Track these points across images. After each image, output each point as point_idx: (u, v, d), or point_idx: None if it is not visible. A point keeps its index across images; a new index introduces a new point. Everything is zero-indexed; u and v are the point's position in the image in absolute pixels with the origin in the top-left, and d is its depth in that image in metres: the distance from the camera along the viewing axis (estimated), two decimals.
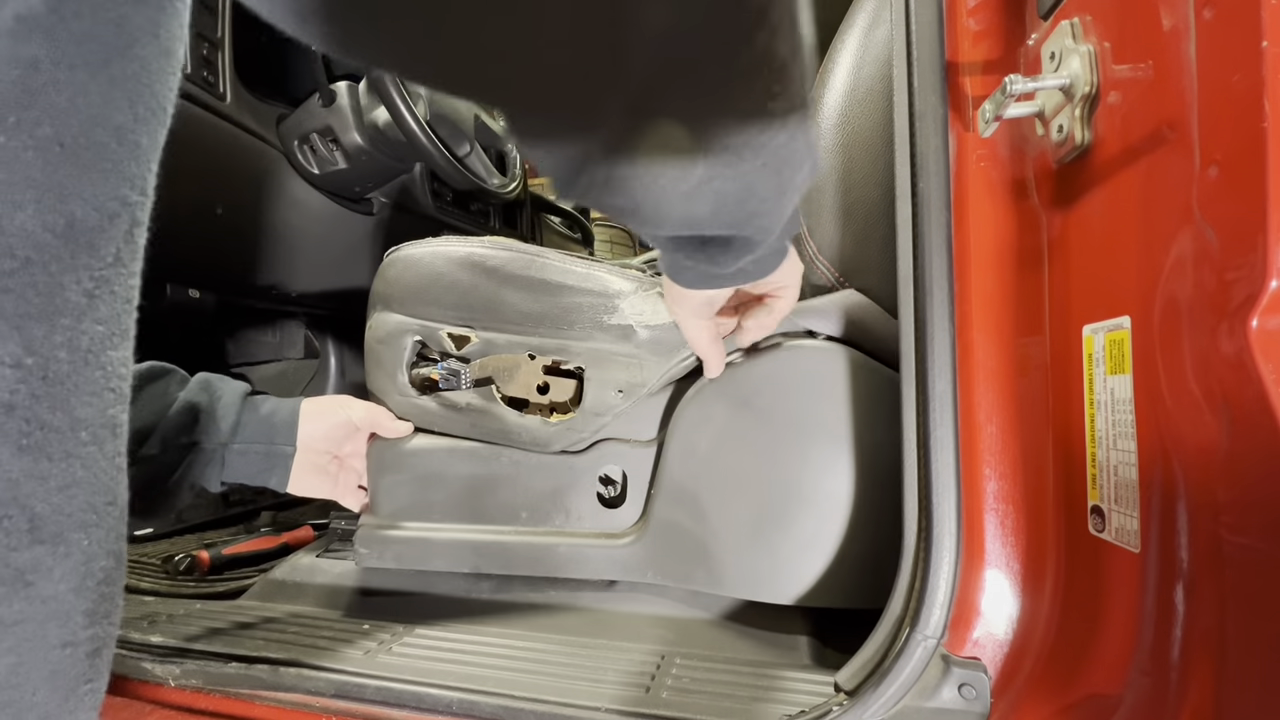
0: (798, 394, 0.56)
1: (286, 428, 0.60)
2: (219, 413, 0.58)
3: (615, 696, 0.50)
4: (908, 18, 0.48)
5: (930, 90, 0.46)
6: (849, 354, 0.55)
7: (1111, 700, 0.38)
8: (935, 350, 0.46)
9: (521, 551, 0.63)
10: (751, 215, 0.30)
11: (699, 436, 0.58)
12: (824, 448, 0.56)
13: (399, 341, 0.64)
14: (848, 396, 0.55)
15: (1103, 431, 0.39)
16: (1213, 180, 0.30)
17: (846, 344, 0.57)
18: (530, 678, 0.53)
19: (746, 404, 0.57)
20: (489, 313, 0.62)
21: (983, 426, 0.45)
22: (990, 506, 0.45)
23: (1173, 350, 0.33)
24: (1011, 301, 0.45)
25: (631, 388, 0.60)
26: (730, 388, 0.58)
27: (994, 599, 0.45)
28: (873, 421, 0.55)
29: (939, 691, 0.44)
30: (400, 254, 0.66)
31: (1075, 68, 0.39)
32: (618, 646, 0.60)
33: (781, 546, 0.57)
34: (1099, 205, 0.39)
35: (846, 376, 0.55)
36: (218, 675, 0.56)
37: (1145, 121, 0.35)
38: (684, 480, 0.59)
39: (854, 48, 0.59)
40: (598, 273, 0.61)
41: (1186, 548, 0.33)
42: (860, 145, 0.57)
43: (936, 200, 0.46)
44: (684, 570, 0.60)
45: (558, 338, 0.61)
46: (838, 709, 0.46)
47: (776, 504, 0.57)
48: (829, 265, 0.60)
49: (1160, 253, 0.34)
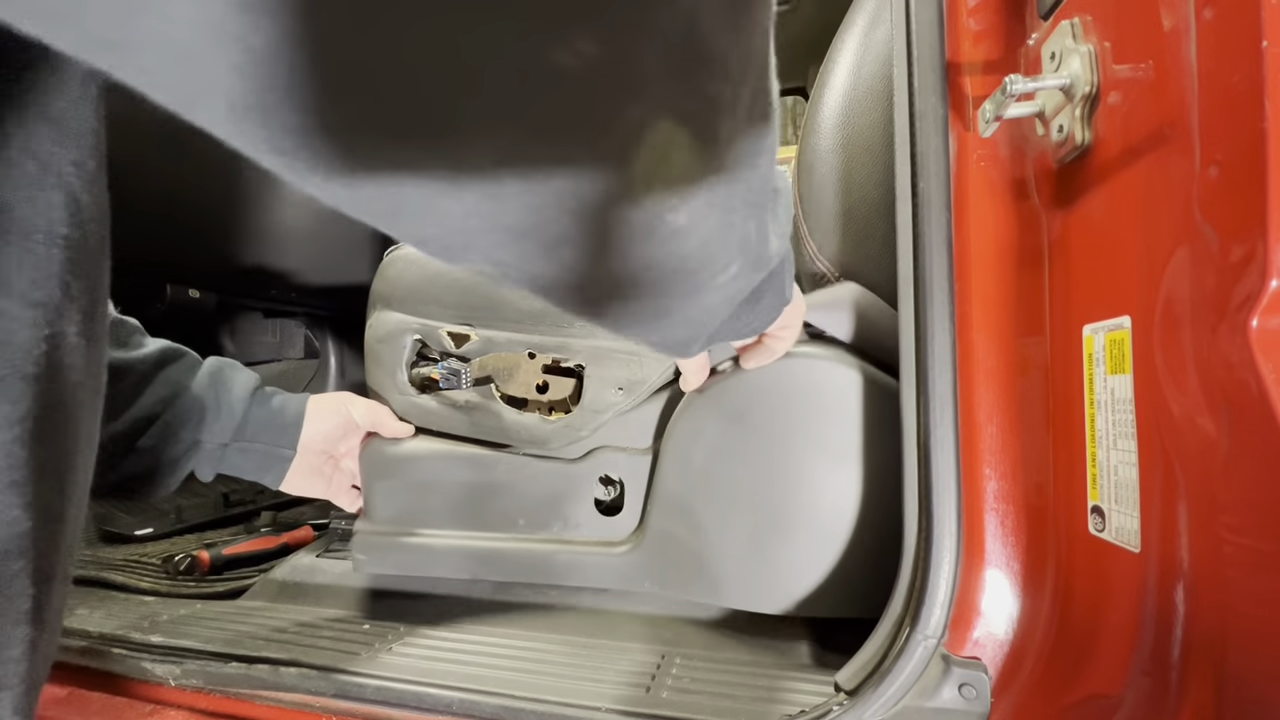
0: (791, 406, 0.55)
1: (291, 429, 0.60)
2: (225, 410, 0.56)
3: (615, 696, 0.50)
4: (908, 18, 0.48)
5: (930, 90, 0.46)
6: (843, 365, 0.55)
7: (1111, 700, 0.38)
8: (935, 350, 0.46)
9: (519, 559, 0.63)
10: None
11: (693, 449, 0.58)
12: (819, 459, 0.55)
13: (399, 340, 0.64)
14: (842, 408, 0.54)
15: (1103, 431, 0.39)
16: (1213, 180, 0.30)
17: (847, 341, 0.57)
18: (530, 678, 0.53)
19: (740, 417, 0.56)
20: (489, 311, 0.62)
21: (983, 426, 0.45)
22: (990, 506, 0.45)
23: (1173, 350, 0.33)
24: (1012, 301, 0.45)
25: (632, 385, 0.60)
26: (723, 400, 0.57)
27: (994, 599, 0.45)
28: (869, 432, 0.54)
29: (939, 691, 0.44)
30: (400, 253, 0.66)
31: (1075, 68, 0.39)
32: (618, 646, 0.60)
33: (778, 558, 0.56)
34: (1099, 205, 0.39)
35: (841, 388, 0.54)
36: (218, 675, 0.56)
37: (1145, 121, 0.35)
38: (679, 492, 0.59)
39: (854, 48, 0.59)
40: None
41: (1186, 548, 0.33)
42: (860, 145, 0.57)
43: (936, 200, 0.46)
44: (681, 580, 0.60)
45: (557, 335, 0.61)
46: (838, 709, 0.46)
47: (772, 516, 0.56)
48: (829, 264, 0.60)
49: (1160, 253, 0.34)
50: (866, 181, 0.57)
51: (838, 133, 0.59)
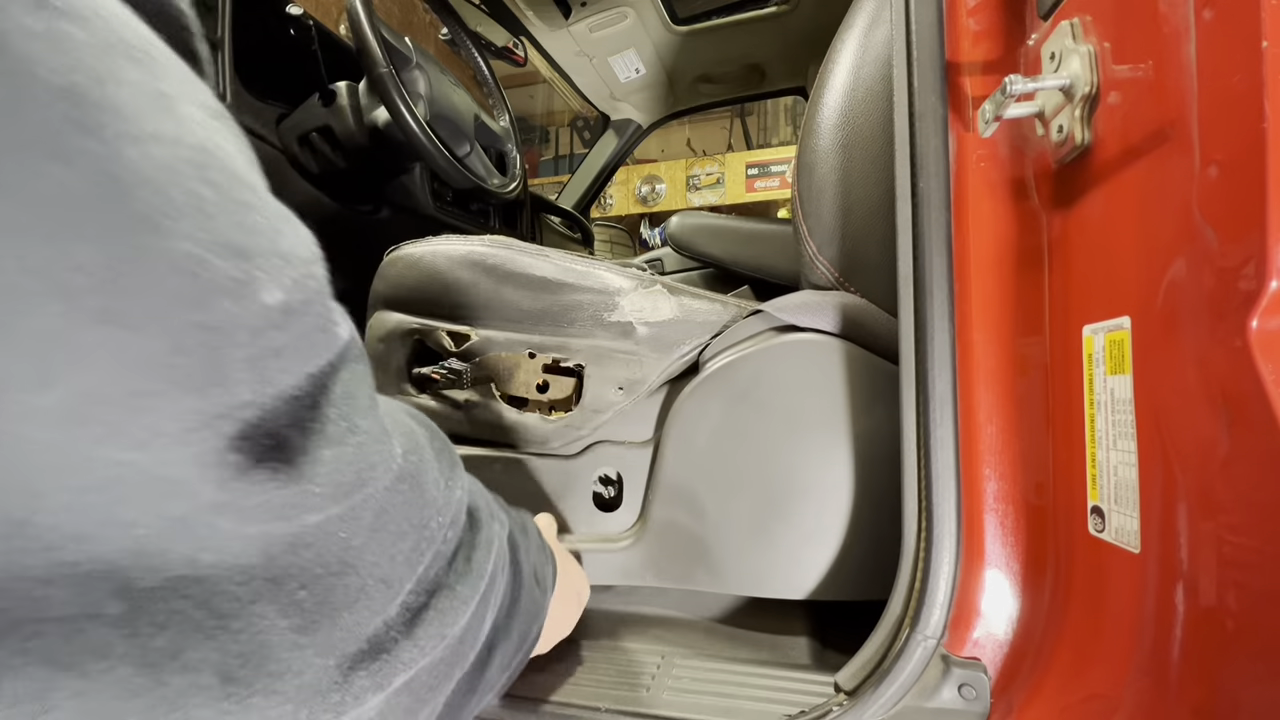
0: (795, 386, 0.56)
1: None
2: None
3: (615, 696, 0.50)
4: (908, 18, 0.48)
5: (930, 90, 0.46)
6: (845, 346, 0.56)
7: (1111, 700, 0.38)
8: (935, 350, 0.46)
9: None
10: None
11: (696, 432, 0.58)
12: (823, 439, 0.56)
13: (399, 340, 0.64)
14: (844, 387, 0.55)
15: (1103, 431, 0.39)
16: (1213, 180, 0.30)
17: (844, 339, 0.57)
18: (530, 677, 0.53)
19: (744, 397, 0.57)
20: (489, 311, 0.62)
21: (983, 426, 0.45)
22: (990, 506, 0.45)
23: (1173, 350, 0.33)
24: (1011, 301, 0.45)
25: (631, 384, 0.60)
26: (727, 382, 0.58)
27: (994, 599, 0.45)
28: (870, 411, 0.55)
29: (939, 691, 0.44)
30: (400, 253, 0.66)
31: (1075, 68, 0.39)
32: (617, 646, 0.60)
33: (783, 540, 0.57)
34: (1099, 205, 0.39)
35: (842, 367, 0.55)
36: None
37: (1145, 122, 0.35)
38: (682, 477, 0.59)
39: (854, 48, 0.59)
40: (597, 271, 0.61)
41: (1186, 548, 0.33)
42: (860, 145, 0.57)
43: (936, 200, 0.46)
44: (683, 571, 0.60)
45: (558, 335, 0.61)
46: (838, 709, 0.46)
47: (776, 497, 0.57)
48: (829, 265, 0.60)
49: (1160, 253, 0.34)
50: (866, 181, 0.57)
51: (837, 133, 0.59)
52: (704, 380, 0.58)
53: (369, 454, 0.21)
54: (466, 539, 0.29)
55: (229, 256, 0.16)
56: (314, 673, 0.20)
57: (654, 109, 1.93)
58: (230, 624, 0.18)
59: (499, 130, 1.18)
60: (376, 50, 0.88)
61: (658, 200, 4.07)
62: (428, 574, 0.25)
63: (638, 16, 1.56)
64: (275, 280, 0.17)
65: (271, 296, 0.17)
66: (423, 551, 0.25)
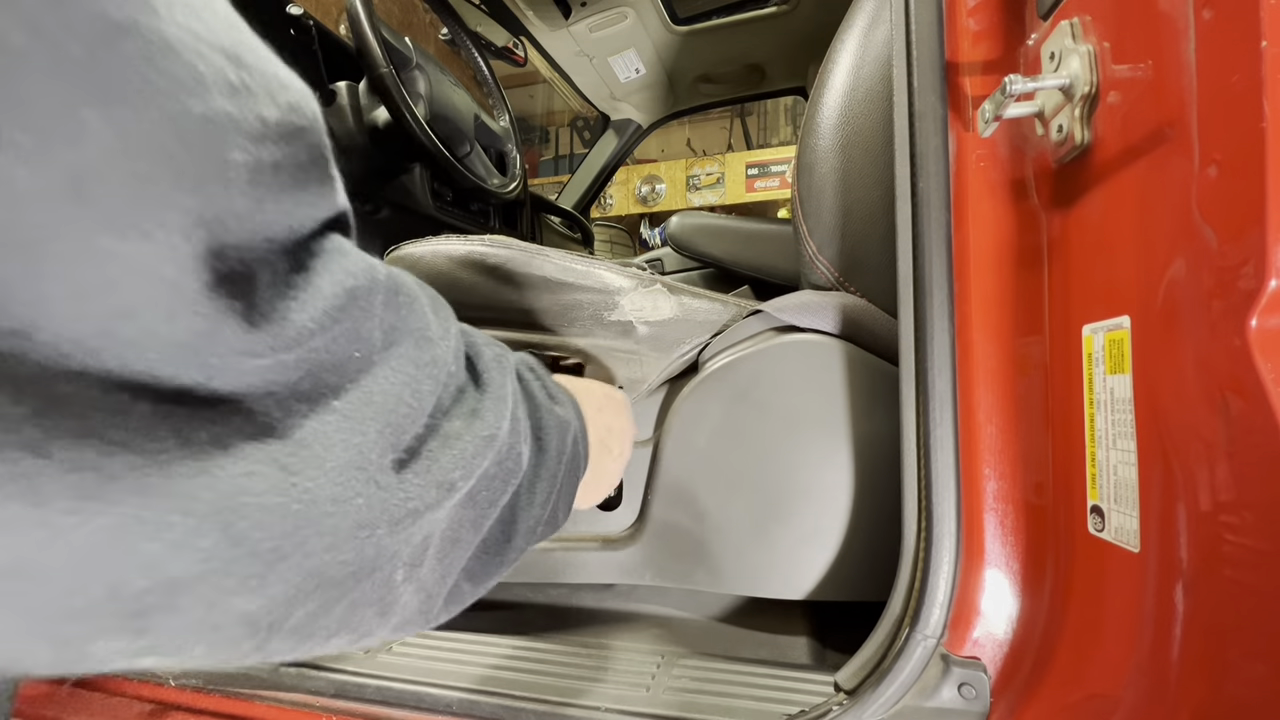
0: (794, 386, 0.56)
1: None
2: None
3: (615, 696, 0.50)
4: (908, 18, 0.48)
5: (930, 90, 0.46)
6: (844, 346, 0.56)
7: (1111, 700, 0.38)
8: (935, 350, 0.46)
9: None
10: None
11: (695, 431, 0.58)
12: (822, 439, 0.56)
13: None
14: (844, 388, 0.55)
15: (1103, 431, 0.39)
16: (1212, 180, 0.30)
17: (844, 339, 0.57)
18: (530, 678, 0.53)
19: (743, 397, 0.57)
20: (489, 311, 0.62)
21: (982, 426, 0.45)
22: (990, 506, 0.45)
23: (1172, 350, 0.33)
24: (1011, 301, 0.45)
25: (632, 384, 0.60)
26: (727, 382, 0.58)
27: (994, 599, 0.45)
28: (870, 412, 0.55)
29: (939, 691, 0.44)
30: (400, 253, 0.66)
31: (1075, 68, 0.39)
32: (618, 646, 0.60)
33: (782, 540, 0.57)
34: (1099, 205, 0.39)
35: (842, 368, 0.55)
36: (217, 675, 0.56)
37: (1145, 121, 0.35)
38: (681, 477, 0.59)
39: (854, 48, 0.59)
40: (597, 270, 0.61)
41: (1186, 548, 0.33)
42: (860, 145, 0.57)
43: (936, 200, 0.46)
44: (683, 569, 0.60)
45: (558, 335, 0.61)
46: (838, 709, 0.46)
47: (776, 497, 0.57)
48: (829, 265, 0.60)
49: (1160, 253, 0.34)
50: (866, 181, 0.57)
51: (837, 133, 0.59)
52: (703, 380, 0.58)
53: (361, 270, 0.21)
54: (470, 377, 0.28)
55: (226, 60, 0.16)
56: (372, 467, 0.19)
57: (654, 109, 1.93)
58: (274, 427, 0.17)
59: (499, 130, 1.18)
60: (376, 50, 0.88)
61: (658, 200, 4.06)
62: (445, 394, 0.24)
63: (638, 16, 1.56)
64: (272, 99, 0.17)
65: (269, 112, 0.17)
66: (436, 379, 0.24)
